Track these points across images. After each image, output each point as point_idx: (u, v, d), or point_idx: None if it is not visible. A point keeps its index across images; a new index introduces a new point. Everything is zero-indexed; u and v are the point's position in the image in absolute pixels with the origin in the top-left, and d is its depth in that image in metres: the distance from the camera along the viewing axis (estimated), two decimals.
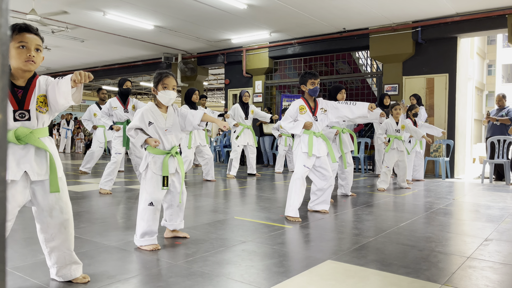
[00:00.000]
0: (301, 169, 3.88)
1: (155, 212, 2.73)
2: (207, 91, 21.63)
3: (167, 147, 2.78)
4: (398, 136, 5.95)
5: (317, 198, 4.16)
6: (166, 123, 2.77)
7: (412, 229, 3.44)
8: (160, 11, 7.79)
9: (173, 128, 2.80)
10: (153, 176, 2.73)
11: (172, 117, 2.80)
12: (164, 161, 2.72)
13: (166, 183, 2.73)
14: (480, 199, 5.28)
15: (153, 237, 2.75)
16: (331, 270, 2.38)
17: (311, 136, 3.90)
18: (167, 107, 2.82)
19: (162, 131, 2.76)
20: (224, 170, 8.55)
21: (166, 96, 2.75)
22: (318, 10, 7.51)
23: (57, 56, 12.46)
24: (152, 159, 2.74)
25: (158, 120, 2.75)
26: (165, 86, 2.76)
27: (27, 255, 2.58)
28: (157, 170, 2.73)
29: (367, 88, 10.82)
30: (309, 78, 3.92)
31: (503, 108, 7.75)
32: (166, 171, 2.72)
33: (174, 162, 2.79)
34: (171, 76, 2.80)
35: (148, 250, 2.69)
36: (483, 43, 27.44)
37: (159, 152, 2.74)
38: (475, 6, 7.21)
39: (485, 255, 2.72)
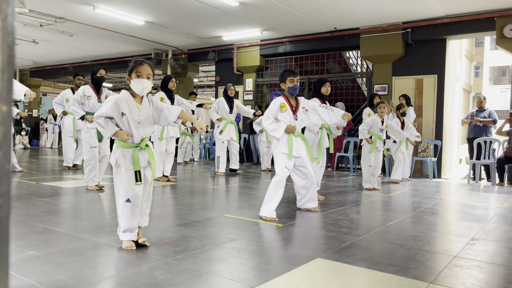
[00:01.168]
0: (283, 170, 3.80)
1: (133, 208, 2.62)
2: (198, 88, 21.53)
3: (136, 141, 2.64)
4: (380, 135, 5.89)
5: (303, 196, 4.13)
6: (140, 115, 2.63)
7: (400, 228, 3.48)
8: (151, 7, 7.73)
9: (146, 121, 2.66)
10: (126, 172, 2.60)
11: (146, 110, 2.66)
12: (134, 155, 2.59)
13: (139, 178, 2.60)
14: (466, 199, 5.36)
15: (133, 233, 2.66)
16: (320, 268, 2.39)
17: (290, 137, 3.81)
18: (141, 97, 2.68)
19: (134, 123, 2.61)
20: (214, 168, 8.53)
21: (139, 84, 2.60)
22: (309, 9, 7.53)
23: (45, 50, 12.28)
24: (120, 153, 2.60)
25: (131, 111, 2.60)
26: (138, 74, 2.61)
27: (13, 251, 2.54)
28: (127, 165, 2.59)
29: (357, 88, 10.88)
30: (288, 75, 3.85)
31: (483, 110, 7.90)
32: (138, 165, 2.59)
33: (144, 155, 2.66)
34: (146, 64, 2.65)
35: (123, 248, 2.62)
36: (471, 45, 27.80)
37: (128, 146, 2.60)
38: (465, 8, 7.30)
39: (471, 254, 2.76)
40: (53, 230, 3.08)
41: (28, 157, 10.22)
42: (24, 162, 8.81)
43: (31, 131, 15.67)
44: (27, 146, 13.97)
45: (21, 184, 5.42)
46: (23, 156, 10.50)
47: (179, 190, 5.37)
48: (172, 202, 4.53)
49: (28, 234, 2.96)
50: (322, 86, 4.82)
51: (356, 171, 8.76)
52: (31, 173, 6.71)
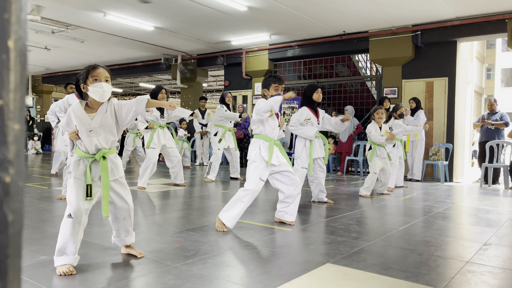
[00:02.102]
0: (257, 182, 3.43)
1: (74, 226, 2.30)
2: (207, 92, 21.64)
3: (91, 151, 2.37)
4: (381, 143, 5.54)
5: (286, 206, 3.70)
6: (92, 123, 2.34)
7: (411, 233, 3.45)
8: (160, 13, 7.80)
9: (100, 128, 2.37)
10: (75, 182, 2.34)
11: (101, 116, 2.36)
12: (87, 167, 2.34)
13: (89, 193, 2.32)
14: (479, 203, 5.29)
15: (69, 257, 2.29)
16: (330, 273, 2.38)
17: (271, 144, 3.52)
18: (99, 105, 2.38)
19: (85, 132, 2.34)
20: (224, 172, 8.55)
21: (99, 89, 2.31)
22: (318, 13, 7.53)
23: (56, 57, 12.45)
24: (75, 162, 2.38)
25: (82, 121, 2.34)
26: (95, 78, 2.33)
27: (26, 256, 2.58)
28: (79, 174, 2.35)
29: (367, 91, 10.83)
30: (274, 82, 3.55)
31: (495, 113, 7.80)
32: (89, 179, 2.32)
33: (98, 168, 2.38)
34: (102, 67, 2.38)
35: (59, 273, 2.24)
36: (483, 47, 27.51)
37: (84, 155, 2.36)
38: (475, 10, 7.24)
39: (484, 259, 2.72)
40: None
41: (40, 162, 10.35)
42: (37, 167, 8.93)
43: (43, 136, 15.88)
44: (39, 151, 14.16)
45: (33, 189, 5.49)
46: (35, 161, 10.64)
47: (189, 195, 5.39)
48: (181, 207, 4.55)
49: (41, 239, 3.00)
50: (314, 92, 4.61)
51: (366, 175, 8.71)
52: (43, 178, 6.79)
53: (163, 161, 11.40)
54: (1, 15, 0.32)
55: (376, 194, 5.79)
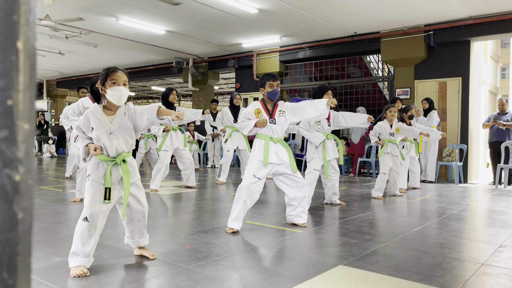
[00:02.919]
0: (249, 178, 3.44)
1: (89, 229, 2.32)
2: (218, 95, 21.72)
3: (111, 154, 2.39)
4: (392, 140, 5.59)
5: (294, 209, 3.70)
6: (112, 126, 2.37)
7: (425, 235, 3.40)
8: (172, 16, 7.87)
9: (120, 131, 2.39)
10: (93, 185, 2.36)
11: (119, 119, 2.40)
12: (107, 170, 2.35)
13: (108, 196, 2.33)
14: (494, 204, 5.21)
15: (83, 259, 2.32)
16: (342, 275, 2.37)
17: (267, 142, 3.51)
18: (117, 108, 2.42)
19: (106, 135, 2.36)
20: (235, 174, 8.57)
21: (117, 92, 2.35)
22: (329, 14, 7.51)
23: (70, 61, 12.64)
24: (95, 164, 2.38)
25: (101, 124, 2.36)
26: (114, 82, 2.37)
27: (41, 257, 2.61)
28: (98, 178, 2.36)
29: (379, 92, 10.76)
30: (268, 80, 3.59)
31: (505, 113, 7.67)
32: (109, 182, 2.33)
33: (119, 171, 2.40)
34: (120, 71, 2.42)
35: (72, 275, 2.27)
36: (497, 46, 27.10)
37: (103, 158, 2.37)
38: (489, 9, 7.14)
39: (499, 261, 2.68)
40: None
41: (55, 165, 10.50)
42: (51, 170, 9.06)
43: (57, 139, 16.11)
44: (54, 154, 14.37)
45: (48, 192, 5.57)
46: (50, 164, 10.80)
47: (200, 197, 5.41)
48: (192, 209, 4.57)
49: (56, 241, 3.04)
50: (324, 94, 4.48)
51: None
52: (58, 181, 6.89)
53: (175, 163, 11.47)
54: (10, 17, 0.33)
55: (389, 196, 5.74)
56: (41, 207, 4.38)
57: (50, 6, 7.14)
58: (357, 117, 4.62)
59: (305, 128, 4.68)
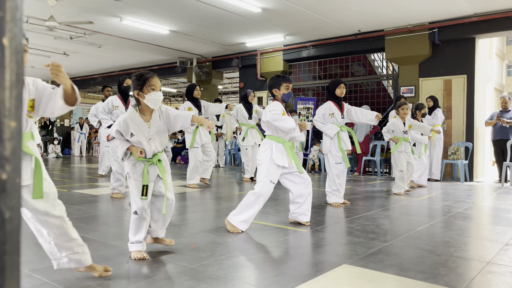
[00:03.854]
0: (268, 185, 3.42)
1: (140, 221, 2.59)
2: (222, 94, 21.73)
3: (148, 155, 2.60)
4: (406, 137, 5.68)
5: (299, 207, 3.68)
6: (150, 132, 2.56)
7: (430, 234, 3.38)
8: (175, 16, 7.87)
9: (157, 135, 2.60)
10: (136, 184, 2.59)
11: (156, 124, 2.59)
12: (144, 169, 2.56)
13: (145, 193, 2.55)
14: (500, 202, 5.17)
15: (140, 245, 2.62)
16: (346, 274, 2.35)
17: (287, 146, 3.51)
18: (151, 112, 2.59)
19: (145, 141, 2.55)
20: (240, 174, 8.56)
21: (156, 97, 2.52)
22: (332, 12, 7.48)
23: (75, 62, 12.69)
24: (132, 165, 2.59)
25: (141, 130, 2.54)
26: (152, 88, 2.52)
27: (46, 257, 2.62)
28: (137, 176, 2.58)
29: (383, 90, 10.71)
30: (285, 81, 3.58)
31: (508, 110, 7.60)
32: (146, 180, 2.56)
33: (155, 169, 2.62)
34: (156, 76, 2.59)
35: (134, 258, 2.58)
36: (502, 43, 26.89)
37: (140, 158, 2.57)
38: (494, 6, 7.08)
39: (505, 260, 2.65)
40: (83, 237, 3.15)
41: (60, 166, 10.55)
42: (57, 170, 9.10)
43: (63, 140, 16.19)
44: (59, 155, 14.43)
45: None
46: (55, 165, 10.85)
47: (205, 196, 5.41)
48: (198, 208, 4.57)
49: None
50: (337, 88, 4.74)
51: (383, 175, 8.60)
52: (63, 181, 6.92)
53: (179, 163, 11.50)
54: None
55: (394, 194, 5.71)
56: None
57: (54, 7, 7.17)
58: (366, 114, 4.81)
59: (319, 121, 4.79)
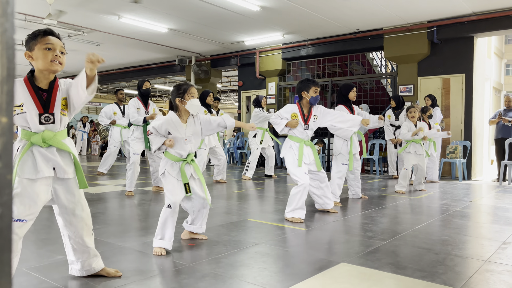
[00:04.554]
0: (304, 177, 3.79)
1: (172, 215, 2.73)
2: (221, 93, 21.70)
3: (183, 155, 2.82)
4: (416, 139, 5.84)
5: (319, 197, 4.15)
6: (186, 133, 2.81)
7: (428, 232, 3.39)
8: (174, 14, 7.85)
9: (193, 137, 2.85)
10: (171, 179, 2.77)
11: (192, 127, 2.85)
12: (182, 168, 2.77)
13: (188, 189, 2.79)
14: (498, 201, 5.18)
15: (166, 241, 2.71)
16: (344, 273, 2.36)
17: (301, 146, 3.83)
18: (188, 116, 2.86)
19: (182, 141, 2.79)
20: (238, 172, 8.56)
21: (196, 103, 2.81)
22: (331, 11, 7.47)
23: (73, 60, 12.63)
24: (170, 165, 2.80)
25: (178, 131, 2.79)
26: (192, 95, 2.82)
27: (43, 255, 2.62)
28: (175, 174, 2.78)
29: (382, 89, 10.71)
30: (314, 85, 3.87)
31: (511, 109, 7.62)
32: (186, 178, 2.77)
33: (189, 169, 2.84)
34: (193, 86, 2.89)
35: (154, 253, 2.68)
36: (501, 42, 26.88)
37: (176, 159, 2.79)
38: (492, 5, 7.08)
39: (503, 258, 2.66)
40: None
41: None
42: None
43: None
44: None
45: None
46: None
47: None
48: None
49: (58, 239, 3.03)
50: (350, 91, 4.87)
51: (382, 174, 8.61)
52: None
53: None
54: None
55: (413, 190, 5.89)
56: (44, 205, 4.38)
57: (52, 4, 7.15)
58: (372, 118, 4.95)
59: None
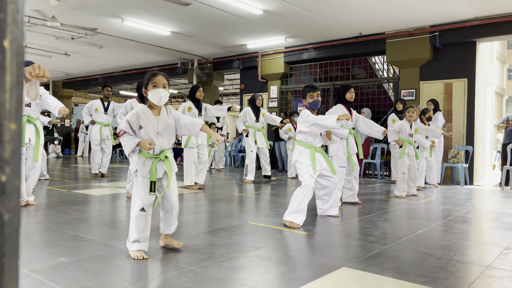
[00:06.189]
0: (309, 179, 3.80)
1: (146, 218, 2.65)
2: (223, 96, 21.74)
3: (156, 151, 2.68)
4: (411, 140, 5.78)
5: (325, 202, 4.16)
6: (159, 126, 2.66)
7: (429, 237, 3.38)
8: (177, 17, 7.88)
9: (165, 131, 2.69)
10: (143, 180, 2.66)
11: (165, 120, 2.69)
12: (152, 166, 2.64)
13: (153, 188, 2.64)
14: (500, 206, 5.16)
15: (143, 243, 2.65)
16: (346, 277, 2.35)
17: (313, 152, 3.83)
18: (159, 109, 2.70)
19: (153, 134, 2.64)
20: (239, 175, 8.56)
21: (157, 94, 2.62)
22: (334, 15, 7.49)
23: (76, 62, 12.70)
24: (141, 162, 2.66)
25: (150, 123, 2.64)
26: (154, 85, 2.64)
27: (45, 257, 2.62)
28: (146, 173, 2.65)
29: (384, 93, 10.72)
30: (308, 91, 3.87)
31: None
32: (154, 176, 2.64)
33: (162, 166, 2.70)
34: (160, 75, 2.68)
35: (134, 258, 2.60)
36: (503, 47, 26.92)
37: (148, 155, 2.65)
38: (495, 10, 7.09)
39: (505, 264, 2.65)
40: (83, 237, 3.16)
41: (60, 166, 10.55)
42: (57, 170, 9.11)
43: (63, 140, 16.19)
44: (59, 155, 14.44)
45: (53, 192, 5.60)
46: (56, 165, 10.85)
47: (204, 198, 5.41)
48: (197, 210, 4.57)
49: (59, 241, 3.04)
50: (347, 92, 4.80)
51: (383, 178, 8.60)
52: (63, 181, 6.92)
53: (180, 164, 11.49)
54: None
55: (394, 197, 5.71)
56: (45, 208, 4.40)
57: (56, 7, 7.18)
58: (375, 126, 4.89)
59: None
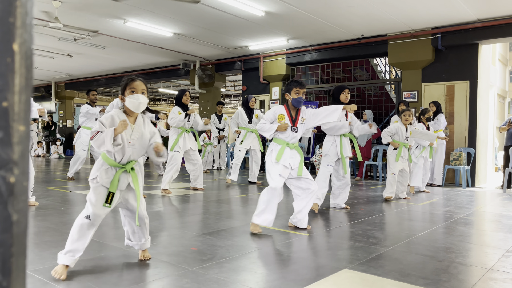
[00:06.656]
0: (277, 179, 3.49)
1: (89, 228, 2.35)
2: (225, 97, 21.75)
3: (123, 161, 2.41)
4: (406, 143, 5.67)
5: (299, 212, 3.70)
6: (132, 135, 2.40)
7: (431, 239, 3.38)
8: (179, 19, 7.90)
9: (137, 141, 2.43)
10: (99, 188, 2.37)
11: (140, 130, 2.44)
12: (115, 176, 2.37)
13: (109, 201, 2.35)
14: (502, 209, 5.15)
15: (74, 257, 2.32)
16: (347, 279, 2.35)
17: (283, 148, 3.54)
18: (136, 116, 2.46)
19: (125, 143, 2.37)
20: (241, 177, 8.57)
21: (135, 100, 2.38)
22: (336, 17, 7.50)
23: (78, 63, 12.73)
24: (104, 171, 2.38)
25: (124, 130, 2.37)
26: (132, 90, 2.40)
27: (46, 258, 2.63)
28: (106, 183, 2.37)
29: (386, 95, 10.71)
30: (294, 86, 3.63)
31: None
32: (114, 187, 2.36)
33: (127, 178, 2.43)
34: (139, 80, 2.46)
35: (52, 273, 2.29)
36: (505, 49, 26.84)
37: (113, 163, 2.38)
38: (497, 12, 7.08)
39: (507, 267, 2.65)
40: None
41: (62, 166, 10.57)
42: (59, 171, 9.12)
43: (65, 141, 16.23)
44: (61, 155, 14.48)
45: (55, 193, 5.61)
46: (57, 165, 10.87)
47: (205, 199, 5.41)
48: (198, 211, 4.57)
49: (62, 242, 3.04)
50: (341, 93, 4.65)
51: (385, 180, 8.58)
52: (65, 182, 6.93)
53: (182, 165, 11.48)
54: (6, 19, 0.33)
55: (395, 199, 5.70)
56: (47, 208, 4.41)
57: (59, 8, 7.21)
58: (363, 127, 4.84)
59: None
